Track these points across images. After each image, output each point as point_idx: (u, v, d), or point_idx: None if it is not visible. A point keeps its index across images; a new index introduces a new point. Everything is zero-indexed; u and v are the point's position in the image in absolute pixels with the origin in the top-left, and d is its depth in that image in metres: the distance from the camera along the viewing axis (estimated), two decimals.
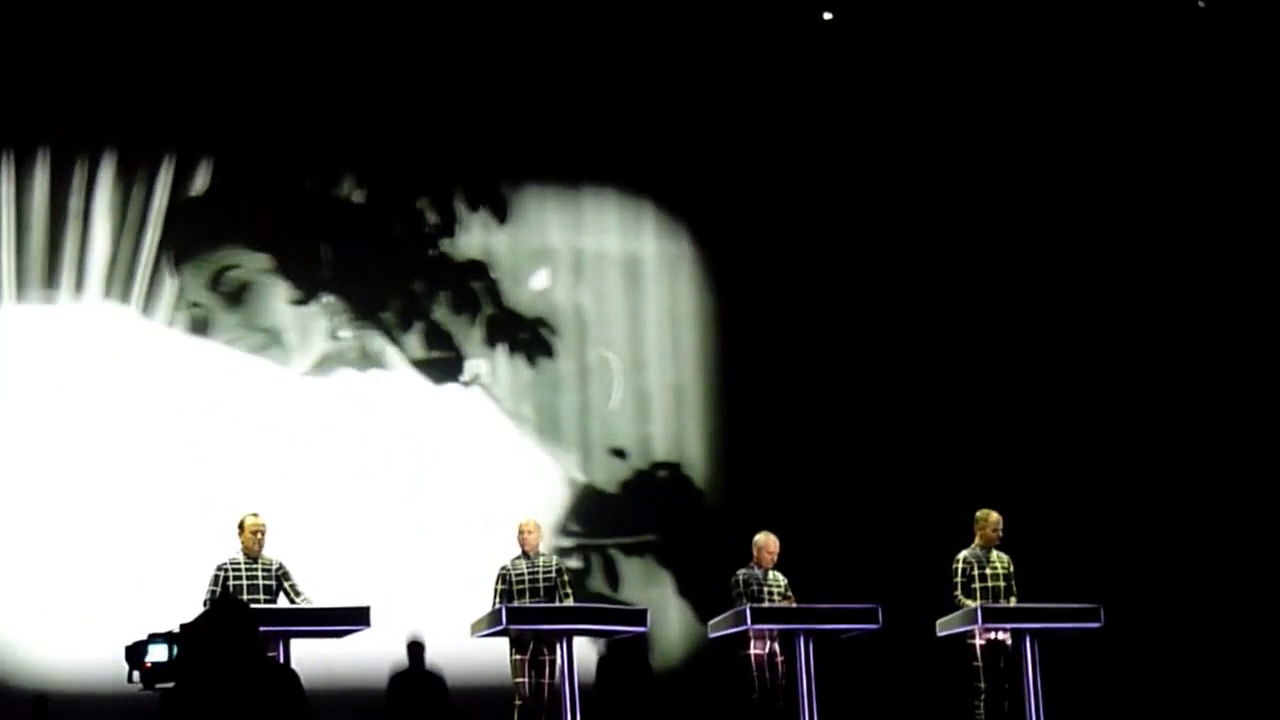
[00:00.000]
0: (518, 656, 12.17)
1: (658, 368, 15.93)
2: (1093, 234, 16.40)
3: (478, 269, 15.41)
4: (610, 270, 15.89)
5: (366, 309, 14.98)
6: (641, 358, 15.91)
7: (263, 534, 11.82)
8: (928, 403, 15.85)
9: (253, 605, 10.93)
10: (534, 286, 15.60)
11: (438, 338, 15.22)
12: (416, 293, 15.22)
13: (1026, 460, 15.49)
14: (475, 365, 15.27)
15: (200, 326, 14.45)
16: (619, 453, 15.63)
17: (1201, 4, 15.87)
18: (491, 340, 15.33)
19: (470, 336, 15.32)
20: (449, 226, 15.42)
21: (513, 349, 15.42)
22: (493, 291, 15.42)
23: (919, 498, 15.08)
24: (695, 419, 15.91)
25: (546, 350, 15.48)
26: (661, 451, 15.76)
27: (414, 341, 15.16)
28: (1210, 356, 16.18)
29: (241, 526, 11.88)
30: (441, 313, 15.26)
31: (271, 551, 11.92)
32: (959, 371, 15.99)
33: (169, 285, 14.36)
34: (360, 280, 15.01)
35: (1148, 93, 16.30)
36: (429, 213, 15.41)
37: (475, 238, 15.44)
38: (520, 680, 12.17)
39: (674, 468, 15.76)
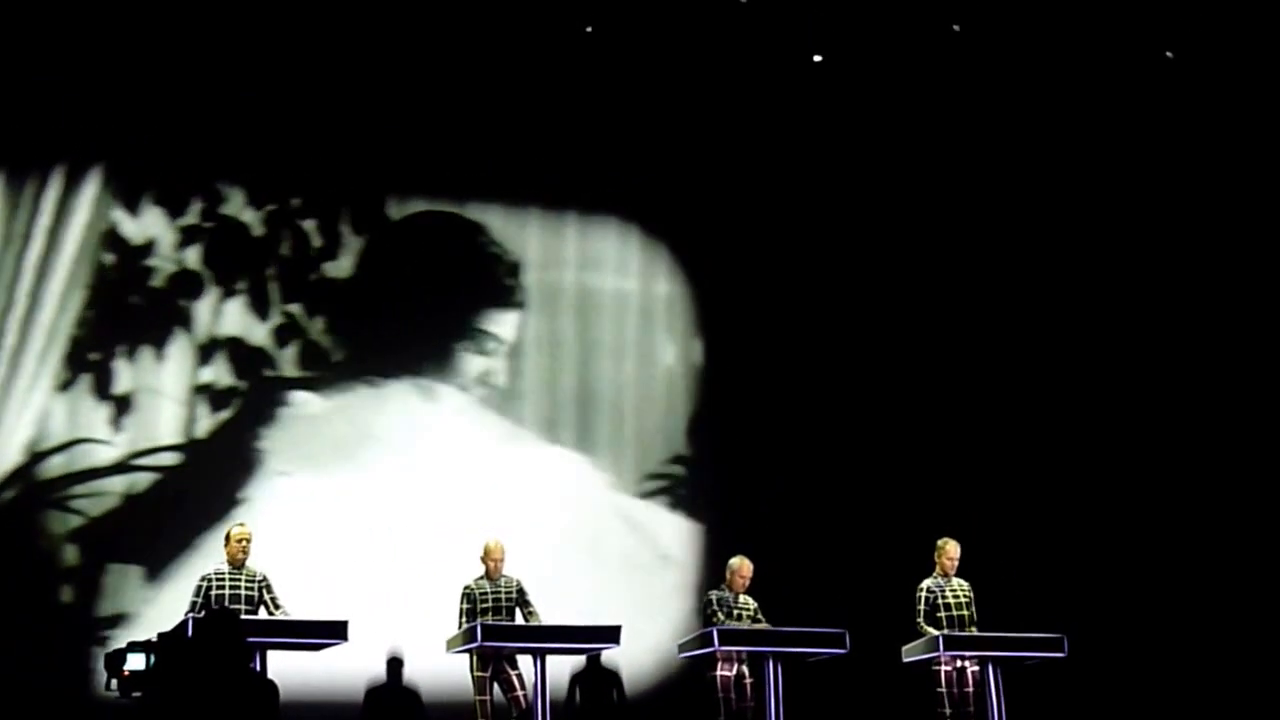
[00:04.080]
0: (480, 674, 12.24)
1: (630, 396, 16.13)
2: (1055, 272, 16.61)
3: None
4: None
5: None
6: (623, 384, 16.15)
7: (248, 544, 11.98)
8: (896, 434, 16.02)
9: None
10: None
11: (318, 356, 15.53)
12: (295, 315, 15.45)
13: (995, 490, 15.68)
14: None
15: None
16: None
17: (1169, 54, 16.08)
18: None
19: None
20: (332, 249, 15.68)
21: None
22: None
23: (888, 526, 15.24)
24: (668, 444, 16.12)
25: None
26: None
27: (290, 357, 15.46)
28: (1171, 388, 16.39)
29: (228, 538, 12.04)
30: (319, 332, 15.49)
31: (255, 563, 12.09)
32: (925, 403, 16.17)
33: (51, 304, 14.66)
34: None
35: (1117, 136, 16.56)
36: (314, 235, 15.64)
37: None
38: (482, 699, 12.23)
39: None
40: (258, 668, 11.04)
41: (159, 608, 14.25)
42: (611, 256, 16.42)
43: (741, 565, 12.97)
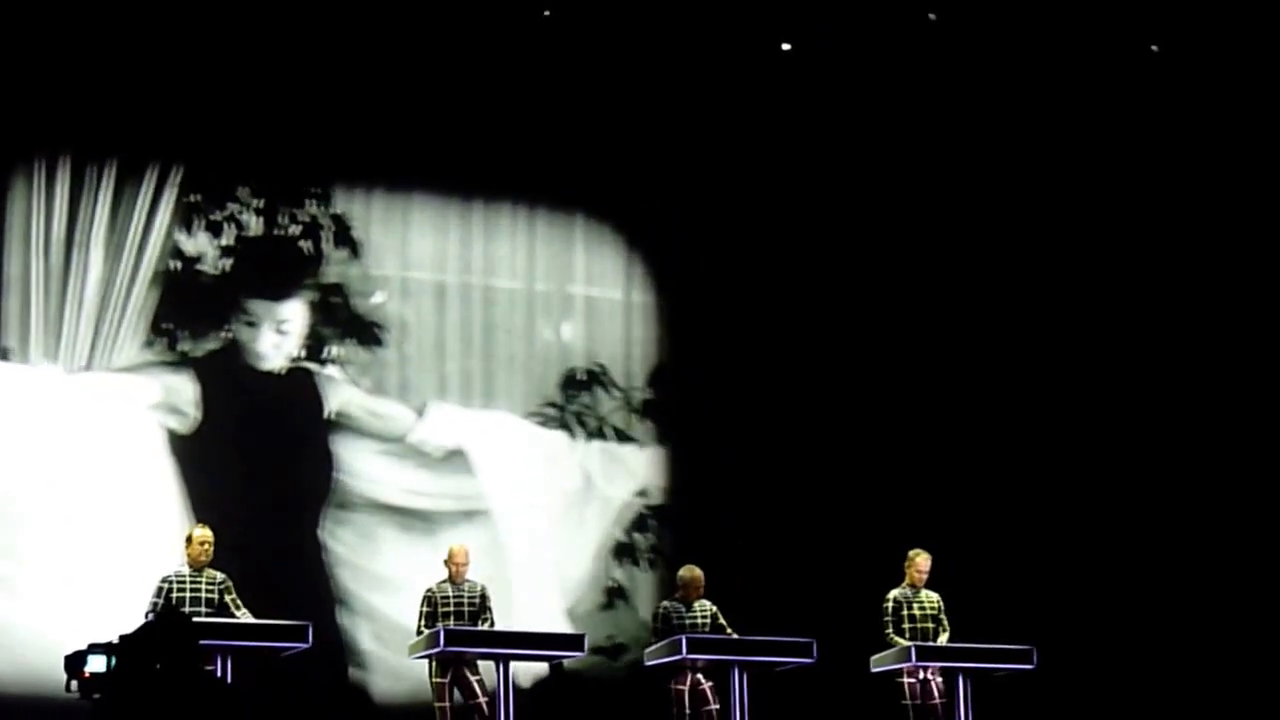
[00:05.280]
0: (439, 680, 12.11)
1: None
2: (1029, 279, 16.53)
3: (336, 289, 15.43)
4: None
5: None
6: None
7: (210, 545, 11.82)
8: (866, 441, 15.92)
9: (195, 618, 10.94)
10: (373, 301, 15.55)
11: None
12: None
13: (966, 500, 15.62)
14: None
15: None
16: None
17: (1154, 48, 16.06)
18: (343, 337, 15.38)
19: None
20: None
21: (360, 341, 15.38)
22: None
23: (857, 534, 15.15)
24: (632, 447, 16.01)
25: (379, 341, 15.40)
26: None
27: None
28: (1142, 398, 16.34)
29: (189, 539, 11.90)
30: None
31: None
32: (897, 410, 16.08)
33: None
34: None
35: (1099, 132, 16.46)
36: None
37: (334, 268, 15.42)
38: (442, 705, 12.09)
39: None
40: (219, 672, 10.90)
41: None
42: (560, 254, 16.22)
43: (692, 576, 12.88)
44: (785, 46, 15.94)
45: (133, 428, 14.51)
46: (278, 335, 15.06)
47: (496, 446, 15.61)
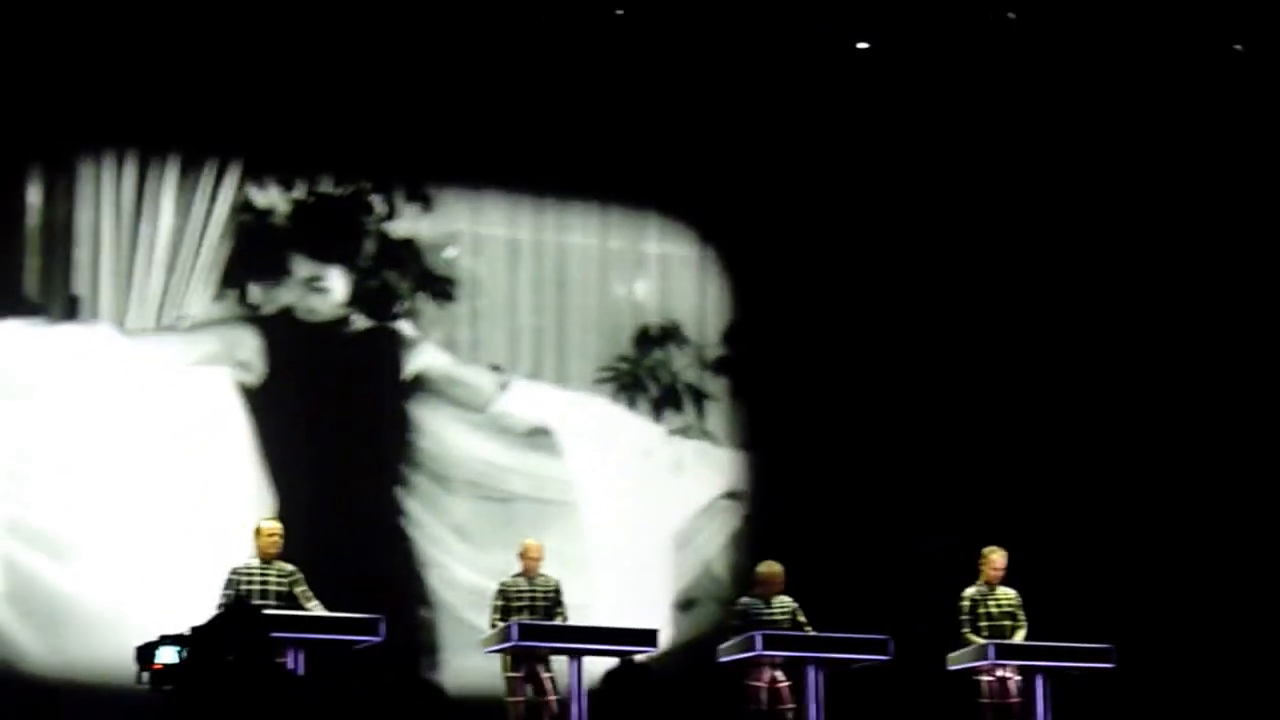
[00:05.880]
0: (512, 674, 12.13)
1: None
2: (1103, 264, 16.38)
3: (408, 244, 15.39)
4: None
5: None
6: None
7: (279, 538, 11.82)
8: (943, 436, 15.82)
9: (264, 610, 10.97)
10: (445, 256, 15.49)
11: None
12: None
13: (1045, 496, 15.50)
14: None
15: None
16: None
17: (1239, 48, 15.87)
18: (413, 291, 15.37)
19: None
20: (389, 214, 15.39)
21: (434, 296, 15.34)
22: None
23: (934, 530, 15.04)
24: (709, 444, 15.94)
25: (450, 297, 15.35)
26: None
27: None
28: (1227, 395, 16.17)
29: (258, 531, 11.90)
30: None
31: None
32: (975, 403, 15.96)
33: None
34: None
35: (1181, 130, 16.31)
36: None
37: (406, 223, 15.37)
38: (515, 700, 12.12)
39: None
40: (291, 665, 10.89)
41: None
42: (631, 249, 16.14)
43: (770, 572, 12.89)
44: (862, 45, 15.84)
45: (202, 387, 14.48)
46: (312, 292, 15.00)
47: (583, 429, 15.53)
